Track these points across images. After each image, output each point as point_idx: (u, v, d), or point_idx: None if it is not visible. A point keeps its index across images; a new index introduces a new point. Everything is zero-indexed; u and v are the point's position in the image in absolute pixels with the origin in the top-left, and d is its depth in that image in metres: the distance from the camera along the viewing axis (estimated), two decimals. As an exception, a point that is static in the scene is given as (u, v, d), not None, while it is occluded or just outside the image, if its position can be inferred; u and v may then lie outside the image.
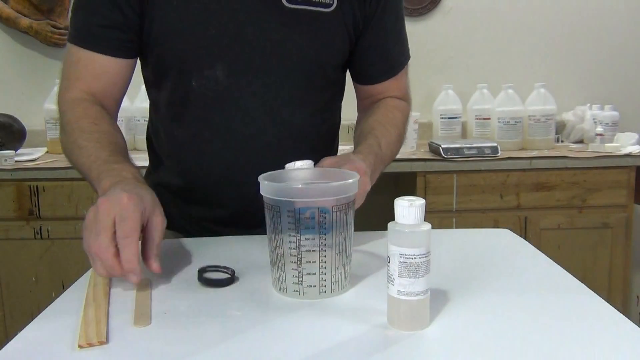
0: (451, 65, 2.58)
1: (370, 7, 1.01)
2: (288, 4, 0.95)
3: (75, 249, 2.05)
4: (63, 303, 0.74)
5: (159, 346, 0.61)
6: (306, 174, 0.80)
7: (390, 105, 1.10)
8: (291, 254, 0.71)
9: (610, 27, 2.59)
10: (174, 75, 0.98)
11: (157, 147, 1.10)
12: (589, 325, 0.65)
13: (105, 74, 0.98)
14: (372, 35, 1.04)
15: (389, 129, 1.04)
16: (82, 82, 0.98)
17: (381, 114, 1.07)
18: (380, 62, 1.08)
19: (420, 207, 0.62)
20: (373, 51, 1.06)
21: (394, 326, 0.64)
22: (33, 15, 2.47)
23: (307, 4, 0.96)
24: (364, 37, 1.04)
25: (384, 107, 1.09)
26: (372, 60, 1.07)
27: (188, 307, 0.71)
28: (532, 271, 0.84)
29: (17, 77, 2.55)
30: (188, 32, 0.94)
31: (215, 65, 0.96)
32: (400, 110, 1.10)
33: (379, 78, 1.10)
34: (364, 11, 1.01)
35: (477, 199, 2.10)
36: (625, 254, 2.15)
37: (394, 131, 1.05)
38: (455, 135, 2.38)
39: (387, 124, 1.04)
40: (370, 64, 1.08)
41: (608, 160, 2.10)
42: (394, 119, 1.07)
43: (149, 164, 1.15)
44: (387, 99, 1.11)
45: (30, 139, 2.35)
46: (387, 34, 1.06)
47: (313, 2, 0.96)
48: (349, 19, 1.00)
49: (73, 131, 0.93)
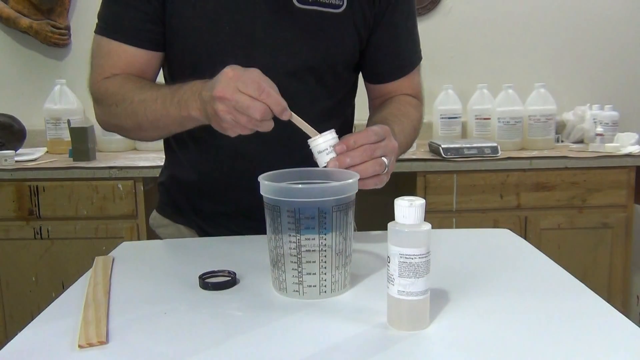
0: (451, 65, 2.58)
1: (380, 5, 1.02)
2: (298, 4, 0.96)
3: (75, 248, 2.05)
4: (63, 303, 0.74)
5: (159, 346, 0.61)
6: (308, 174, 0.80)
7: (403, 101, 1.09)
8: (291, 254, 0.71)
9: (611, 27, 2.59)
10: (189, 71, 0.98)
11: (172, 142, 1.11)
12: (589, 325, 0.65)
13: (137, 63, 0.99)
14: (382, 33, 1.04)
15: (402, 119, 1.02)
16: (117, 70, 0.99)
17: (393, 107, 1.06)
18: (391, 60, 1.08)
19: (420, 207, 0.62)
20: (384, 50, 1.06)
21: (394, 326, 0.64)
22: (33, 15, 2.47)
23: (317, 5, 0.97)
24: (375, 35, 1.04)
25: (396, 102, 1.08)
26: (383, 59, 1.07)
27: (188, 307, 0.71)
28: (532, 271, 0.84)
29: (17, 77, 2.55)
30: (203, 29, 0.96)
31: (228, 62, 0.96)
32: (413, 106, 1.09)
33: (389, 77, 1.10)
34: (373, 10, 1.02)
35: (477, 199, 2.10)
36: (625, 254, 2.15)
37: (407, 122, 1.04)
38: (455, 135, 2.38)
39: (400, 115, 1.03)
40: (381, 62, 1.08)
41: (608, 160, 2.10)
42: (406, 112, 1.06)
43: (165, 159, 1.16)
44: (400, 96, 1.10)
45: (30, 139, 2.35)
46: (398, 32, 1.06)
47: (323, 3, 0.97)
48: (359, 18, 1.00)
49: (125, 94, 0.94)
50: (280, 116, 0.78)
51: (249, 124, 0.77)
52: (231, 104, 0.76)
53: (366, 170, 0.79)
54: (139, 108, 0.92)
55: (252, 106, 0.76)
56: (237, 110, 0.76)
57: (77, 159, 2.09)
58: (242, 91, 0.76)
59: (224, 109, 0.77)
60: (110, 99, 0.97)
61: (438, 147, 2.11)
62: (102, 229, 2.05)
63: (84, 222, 2.05)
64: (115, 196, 2.02)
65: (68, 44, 2.51)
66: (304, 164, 0.81)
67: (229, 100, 0.76)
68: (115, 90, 0.96)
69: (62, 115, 2.29)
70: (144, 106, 0.91)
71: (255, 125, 0.78)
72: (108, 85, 0.98)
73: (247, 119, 0.77)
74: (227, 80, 0.77)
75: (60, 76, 2.38)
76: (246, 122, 0.77)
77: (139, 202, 2.04)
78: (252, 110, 0.76)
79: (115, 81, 0.97)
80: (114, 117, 0.99)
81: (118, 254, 0.94)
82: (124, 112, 0.95)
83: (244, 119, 0.77)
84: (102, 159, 2.15)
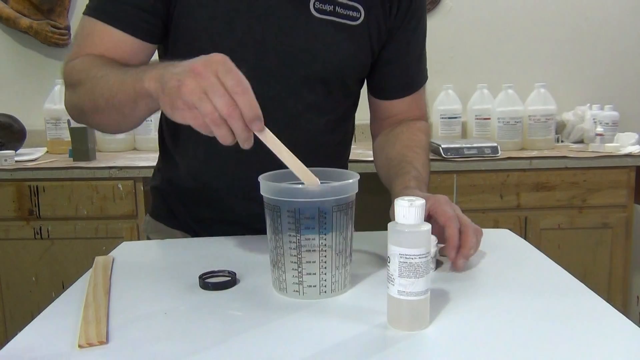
0: (451, 65, 2.58)
1: (395, 20, 1.01)
2: (316, 13, 0.94)
3: (75, 248, 2.05)
4: (63, 303, 0.74)
5: (159, 346, 0.61)
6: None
7: (414, 128, 1.08)
8: (291, 254, 0.71)
9: (611, 27, 2.59)
10: None
11: (169, 145, 1.07)
12: (589, 325, 0.65)
13: (120, 50, 0.91)
14: (394, 48, 1.04)
15: (418, 151, 1.03)
16: (94, 52, 0.91)
17: (407, 139, 1.05)
18: (399, 76, 1.07)
19: (420, 207, 0.62)
20: (393, 64, 1.05)
21: (394, 326, 0.64)
22: (33, 15, 2.47)
23: (335, 16, 0.96)
24: (386, 49, 1.04)
25: (408, 131, 1.07)
26: (391, 74, 1.06)
27: (188, 307, 0.71)
28: (532, 271, 0.84)
29: (17, 77, 2.55)
30: (215, 32, 0.93)
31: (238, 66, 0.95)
32: (423, 132, 1.09)
33: (395, 94, 1.09)
34: (388, 24, 1.01)
35: (477, 199, 2.10)
36: (625, 254, 2.15)
37: (423, 153, 1.04)
38: (455, 135, 2.38)
39: (415, 147, 1.03)
40: (388, 77, 1.07)
41: (608, 160, 2.10)
42: (420, 142, 1.06)
43: (158, 160, 1.13)
44: (409, 122, 1.09)
45: (30, 139, 2.35)
46: (409, 49, 1.06)
47: (341, 15, 0.96)
48: (374, 32, 1.00)
49: (89, 71, 0.85)
50: (250, 124, 0.66)
51: (208, 117, 0.64)
52: (202, 84, 0.64)
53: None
54: (98, 84, 0.83)
55: (224, 97, 0.64)
56: (205, 93, 0.64)
57: (77, 159, 2.09)
58: (219, 77, 0.65)
59: (191, 86, 0.64)
60: (75, 77, 0.88)
61: (438, 147, 2.11)
62: (102, 229, 2.05)
63: (84, 222, 2.05)
64: (115, 196, 2.03)
65: (68, 44, 2.51)
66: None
67: (203, 79, 0.64)
68: (81, 68, 0.88)
69: (62, 115, 2.29)
70: (103, 81, 0.82)
71: (214, 122, 0.65)
72: (76, 63, 0.89)
73: (211, 109, 0.64)
74: (213, 61, 0.66)
75: (60, 76, 2.38)
76: (208, 111, 0.64)
77: (139, 202, 2.04)
78: (221, 101, 0.64)
79: (85, 59, 0.89)
80: (75, 96, 0.89)
81: (118, 254, 0.94)
82: (84, 90, 0.86)
83: (208, 108, 0.64)
84: (102, 159, 2.15)
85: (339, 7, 0.96)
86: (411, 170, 0.96)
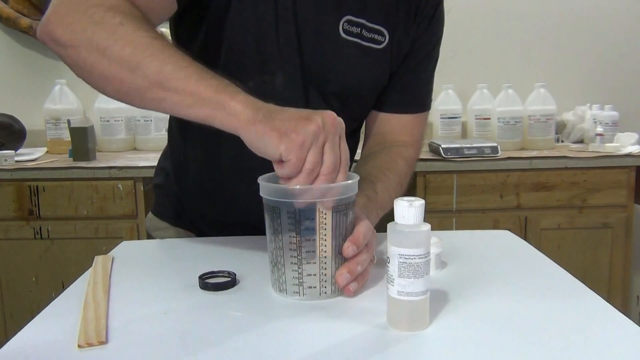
0: (451, 65, 2.57)
1: (416, 44, 1.02)
2: (344, 34, 0.95)
3: (75, 248, 2.05)
4: (63, 303, 0.74)
5: (159, 346, 0.61)
6: None
7: (394, 153, 1.05)
8: (291, 255, 0.71)
9: (611, 27, 2.59)
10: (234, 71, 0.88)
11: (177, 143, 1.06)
12: (589, 325, 0.65)
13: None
14: (405, 67, 1.03)
15: (388, 174, 0.99)
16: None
17: (382, 160, 1.03)
18: (400, 91, 1.06)
19: (419, 208, 0.62)
20: (398, 79, 1.04)
21: (394, 326, 0.64)
22: (33, 15, 2.47)
23: (361, 39, 0.96)
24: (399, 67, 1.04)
25: (387, 155, 1.04)
26: (393, 87, 1.05)
27: (188, 307, 0.71)
28: (532, 272, 0.84)
29: (17, 77, 2.55)
30: (260, 33, 0.92)
31: (275, 73, 0.94)
32: (404, 159, 1.05)
33: (391, 107, 1.07)
34: (409, 47, 1.02)
35: (477, 199, 2.10)
36: (625, 254, 2.15)
37: (394, 177, 1.00)
38: (455, 135, 2.38)
39: (386, 169, 1.00)
40: (389, 90, 1.05)
41: (608, 160, 2.10)
42: (395, 166, 1.02)
43: (162, 158, 1.12)
44: (393, 147, 1.06)
45: (30, 139, 2.35)
46: (419, 70, 1.06)
47: (366, 38, 0.96)
48: (395, 55, 1.00)
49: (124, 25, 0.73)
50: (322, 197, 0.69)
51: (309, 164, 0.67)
52: (305, 139, 0.67)
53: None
54: (145, 61, 0.72)
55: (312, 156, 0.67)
56: (300, 149, 0.66)
57: (77, 159, 2.09)
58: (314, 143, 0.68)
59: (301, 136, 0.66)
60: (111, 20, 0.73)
61: (438, 147, 2.11)
62: (102, 229, 2.05)
63: (84, 222, 2.05)
64: (115, 196, 2.03)
65: (68, 44, 2.51)
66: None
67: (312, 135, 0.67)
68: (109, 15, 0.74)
69: (62, 115, 2.29)
70: (155, 64, 0.72)
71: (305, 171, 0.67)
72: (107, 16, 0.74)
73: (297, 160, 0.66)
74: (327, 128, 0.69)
75: (60, 76, 2.38)
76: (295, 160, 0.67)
77: (139, 202, 2.04)
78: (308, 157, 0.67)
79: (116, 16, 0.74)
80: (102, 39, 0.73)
81: (118, 253, 0.94)
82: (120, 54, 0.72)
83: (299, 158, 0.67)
84: (102, 159, 2.15)
85: (365, 31, 0.96)
86: (367, 188, 0.91)
